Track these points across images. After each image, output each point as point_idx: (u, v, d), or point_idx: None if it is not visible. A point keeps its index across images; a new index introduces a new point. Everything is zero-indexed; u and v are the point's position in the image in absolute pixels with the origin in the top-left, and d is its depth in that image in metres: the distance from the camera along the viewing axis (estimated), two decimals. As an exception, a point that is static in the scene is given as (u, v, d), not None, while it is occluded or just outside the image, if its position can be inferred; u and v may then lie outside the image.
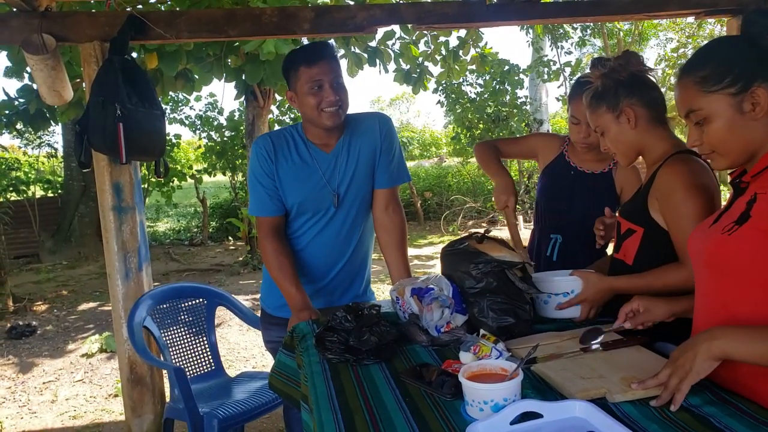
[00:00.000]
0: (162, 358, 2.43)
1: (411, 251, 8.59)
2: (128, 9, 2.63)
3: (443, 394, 1.17)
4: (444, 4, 2.55)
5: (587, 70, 1.99)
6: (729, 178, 1.21)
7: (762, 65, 1.09)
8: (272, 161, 1.82)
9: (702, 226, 1.23)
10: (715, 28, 11.51)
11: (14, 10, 2.46)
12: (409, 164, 16.59)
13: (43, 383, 3.89)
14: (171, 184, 9.97)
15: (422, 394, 1.20)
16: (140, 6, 3.56)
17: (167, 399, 2.71)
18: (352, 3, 4.11)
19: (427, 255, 8.25)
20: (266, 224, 1.84)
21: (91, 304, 6.11)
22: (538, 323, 1.53)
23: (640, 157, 1.58)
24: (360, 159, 1.87)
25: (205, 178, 10.66)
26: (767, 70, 1.08)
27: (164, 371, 2.64)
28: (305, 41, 3.87)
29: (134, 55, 4.42)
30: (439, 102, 10.80)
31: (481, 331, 1.39)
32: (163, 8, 3.86)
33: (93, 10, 2.61)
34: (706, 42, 1.29)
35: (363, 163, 1.87)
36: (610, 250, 2.05)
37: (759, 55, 1.09)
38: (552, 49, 11.56)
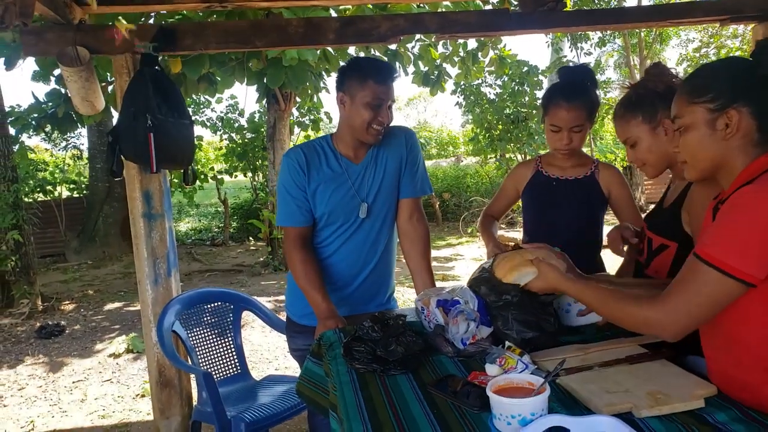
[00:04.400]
0: (189, 361, 2.49)
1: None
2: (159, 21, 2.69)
3: (470, 406, 1.19)
4: (467, 13, 2.57)
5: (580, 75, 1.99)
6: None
7: (748, 89, 1.12)
8: (305, 173, 1.85)
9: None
10: (739, 27, 11.30)
11: (49, 23, 2.54)
12: (427, 164, 16.65)
13: (73, 382, 4.00)
14: (195, 183, 10.08)
15: (449, 405, 1.22)
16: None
17: (194, 401, 2.77)
18: (373, 11, 4.14)
19: (446, 257, 8.26)
20: (294, 234, 1.88)
21: (117, 304, 6.25)
22: (563, 335, 1.54)
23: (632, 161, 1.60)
24: (387, 170, 1.91)
25: (226, 178, 10.80)
26: (752, 95, 1.11)
27: (192, 375, 2.70)
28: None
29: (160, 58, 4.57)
30: (457, 103, 10.80)
31: (507, 344, 1.42)
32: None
33: (125, 23, 2.68)
34: (718, 57, 1.33)
35: (390, 174, 1.91)
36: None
37: (750, 80, 1.12)
38: (571, 50, 11.47)
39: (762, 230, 1.02)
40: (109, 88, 4.03)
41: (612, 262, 1.90)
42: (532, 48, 47.88)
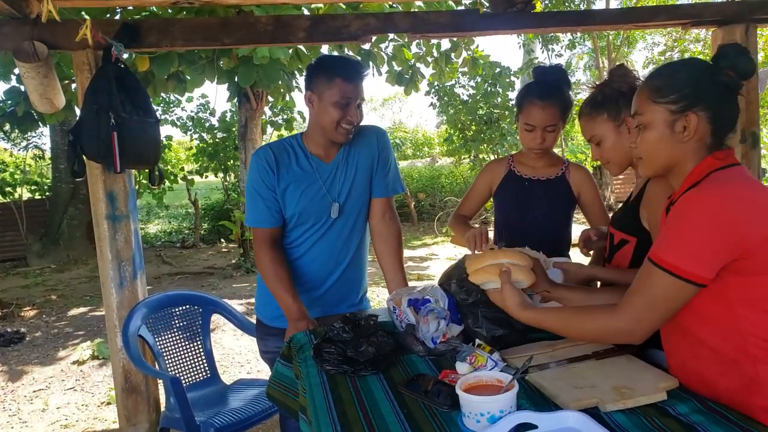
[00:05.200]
0: (157, 366, 2.44)
1: (405, 252, 8.56)
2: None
3: (440, 405, 1.19)
4: (438, 13, 2.57)
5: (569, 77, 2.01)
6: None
7: (707, 95, 1.15)
8: (274, 173, 1.82)
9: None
10: (701, 32, 11.64)
11: (5, 17, 2.45)
12: (402, 164, 16.70)
13: (34, 392, 3.86)
14: (162, 185, 9.93)
15: (419, 405, 1.22)
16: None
17: (162, 407, 2.71)
18: (345, 9, 4.12)
19: (421, 256, 8.29)
20: (263, 235, 1.85)
21: (82, 309, 6.08)
22: (533, 332, 1.55)
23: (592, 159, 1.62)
24: (359, 169, 1.89)
25: (197, 179, 10.63)
26: (711, 101, 1.15)
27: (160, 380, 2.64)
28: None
29: (125, 56, 4.47)
30: (431, 104, 10.86)
31: (477, 341, 1.42)
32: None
33: (87, 17, 2.60)
34: (686, 55, 1.36)
35: (361, 173, 1.90)
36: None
37: (710, 85, 1.15)
38: (543, 51, 11.65)
39: (707, 233, 1.06)
40: (73, 85, 3.93)
41: (580, 261, 1.93)
42: (504, 49, 48.51)
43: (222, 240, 10.30)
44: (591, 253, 1.86)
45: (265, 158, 1.83)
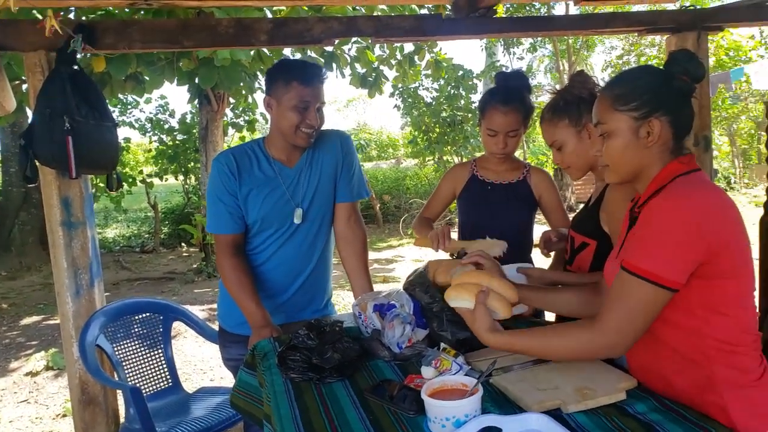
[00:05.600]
0: (116, 376, 2.36)
1: (370, 255, 8.59)
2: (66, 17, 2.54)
3: (406, 410, 1.19)
4: (401, 17, 2.58)
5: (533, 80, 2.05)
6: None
7: (666, 100, 1.18)
8: (236, 178, 1.80)
9: (612, 254, 1.32)
10: (656, 37, 12.06)
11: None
12: (367, 166, 16.70)
13: (-16, 405, 3.71)
14: (121, 188, 9.65)
15: (385, 410, 1.22)
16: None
17: (122, 418, 2.63)
18: (308, 12, 4.10)
19: (387, 258, 8.30)
20: (225, 241, 1.82)
21: (35, 318, 5.84)
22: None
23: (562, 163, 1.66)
24: (322, 174, 1.88)
25: (156, 182, 10.39)
26: (670, 105, 1.18)
27: (119, 390, 2.57)
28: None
29: (78, 56, 4.32)
30: (396, 106, 10.91)
31: (442, 345, 1.43)
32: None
33: (40, 17, 2.50)
34: (638, 64, 1.39)
35: (325, 178, 1.89)
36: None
37: (667, 91, 1.19)
38: (504, 55, 11.85)
39: (678, 239, 1.08)
40: (24, 86, 3.78)
41: (542, 262, 1.96)
42: (467, 52, 49.17)
43: (183, 244, 10.07)
44: (551, 254, 1.90)
45: (227, 163, 1.80)
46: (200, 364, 4.25)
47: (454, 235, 1.89)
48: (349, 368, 1.41)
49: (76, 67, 2.33)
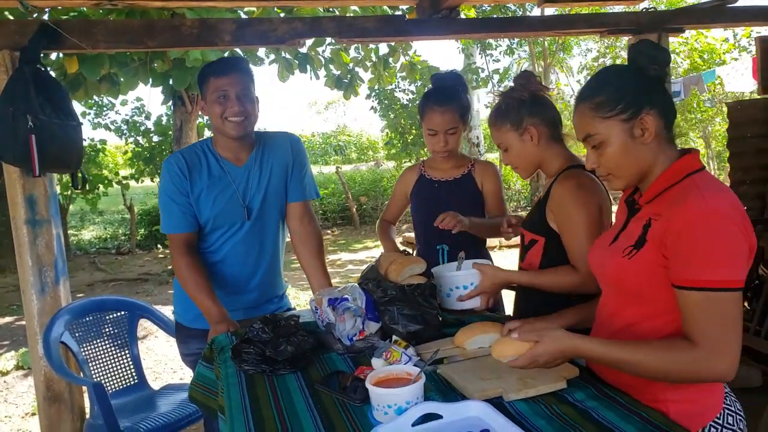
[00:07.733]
0: (81, 374, 2.37)
1: (347, 256, 8.70)
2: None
3: (353, 399, 1.23)
4: (364, 18, 2.62)
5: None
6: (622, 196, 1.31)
7: (648, 93, 1.18)
8: (186, 178, 1.83)
9: (601, 242, 1.31)
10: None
11: None
12: (346, 168, 16.68)
13: (-48, 405, 3.65)
14: (96, 190, 9.55)
15: (334, 400, 1.26)
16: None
17: (88, 415, 2.63)
18: (278, 13, 4.12)
19: (361, 259, 8.33)
20: (179, 240, 1.85)
21: (7, 319, 5.78)
22: (447, 327, 1.62)
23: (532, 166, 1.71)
24: (273, 174, 1.92)
25: (133, 184, 10.28)
26: (653, 97, 1.18)
27: (84, 387, 2.57)
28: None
29: (53, 57, 4.28)
30: (372, 108, 10.92)
31: (393, 337, 1.47)
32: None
33: (1, 18, 2.49)
34: (617, 61, 1.39)
35: (276, 178, 1.92)
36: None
37: (646, 84, 1.18)
38: (481, 57, 11.93)
39: (734, 240, 1.06)
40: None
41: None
42: (444, 55, 49.33)
43: (159, 246, 9.98)
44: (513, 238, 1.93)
45: (177, 164, 1.84)
46: (171, 362, 4.24)
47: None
48: (302, 361, 1.44)
49: (39, 67, 2.33)
